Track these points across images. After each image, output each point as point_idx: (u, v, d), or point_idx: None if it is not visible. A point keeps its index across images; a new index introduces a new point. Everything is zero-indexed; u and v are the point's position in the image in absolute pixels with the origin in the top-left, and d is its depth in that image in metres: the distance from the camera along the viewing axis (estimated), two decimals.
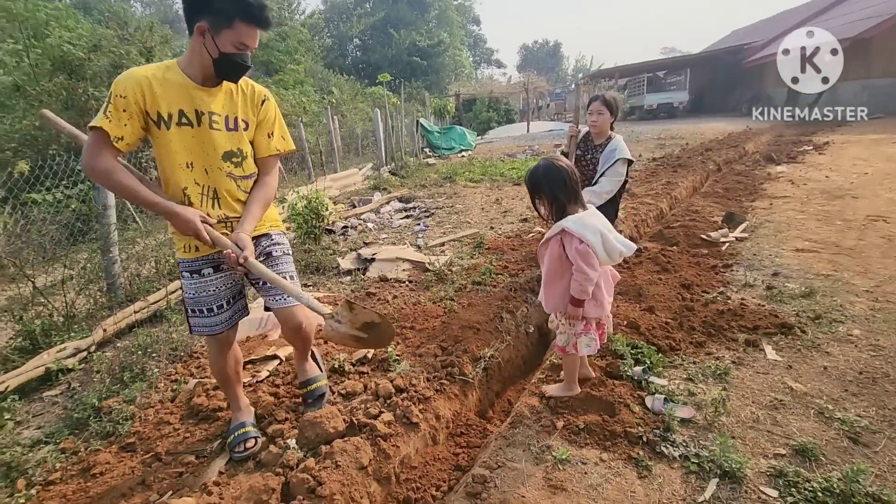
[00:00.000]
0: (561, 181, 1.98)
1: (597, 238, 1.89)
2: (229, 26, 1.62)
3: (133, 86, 1.60)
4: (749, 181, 7.18)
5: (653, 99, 23.72)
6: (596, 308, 2.03)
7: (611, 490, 1.75)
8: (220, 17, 1.60)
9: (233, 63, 1.69)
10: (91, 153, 1.58)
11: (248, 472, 1.91)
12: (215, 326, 1.93)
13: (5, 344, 3.24)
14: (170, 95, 1.67)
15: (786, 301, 3.08)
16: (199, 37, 1.63)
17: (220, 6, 1.59)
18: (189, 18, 1.64)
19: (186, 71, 1.70)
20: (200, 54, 1.66)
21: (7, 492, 1.96)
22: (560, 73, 60.26)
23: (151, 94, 1.63)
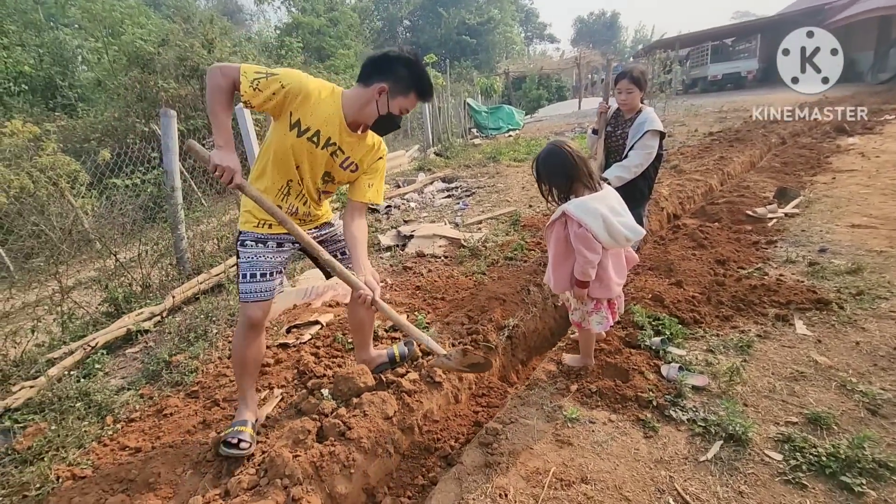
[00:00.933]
0: (559, 166, 1.97)
1: (597, 222, 1.88)
2: (405, 95, 1.85)
3: (297, 87, 1.76)
4: (813, 154, 6.71)
5: (717, 69, 22.12)
6: (601, 289, 2.06)
7: (615, 447, 1.85)
8: (400, 85, 1.83)
9: (392, 123, 1.94)
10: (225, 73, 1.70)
11: (290, 418, 2.18)
12: (265, 293, 2.00)
13: (95, 308, 3.74)
14: (318, 115, 1.82)
15: (828, 277, 2.97)
16: (376, 94, 1.81)
17: (402, 76, 1.82)
18: (368, 73, 1.84)
19: (345, 109, 1.86)
20: (368, 106, 1.84)
21: (98, 426, 2.36)
22: (617, 46, 57.35)
23: (305, 105, 1.79)
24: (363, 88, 1.84)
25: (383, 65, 1.82)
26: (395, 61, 1.82)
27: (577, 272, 1.99)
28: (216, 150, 1.72)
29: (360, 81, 1.87)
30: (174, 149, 4.40)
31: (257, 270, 1.98)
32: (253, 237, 1.99)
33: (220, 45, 11.46)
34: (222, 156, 1.71)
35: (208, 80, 1.71)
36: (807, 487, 1.59)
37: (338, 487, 1.80)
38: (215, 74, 1.70)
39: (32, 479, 1.94)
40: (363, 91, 1.84)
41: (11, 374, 2.82)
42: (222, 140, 1.74)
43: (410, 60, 1.83)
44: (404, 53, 1.84)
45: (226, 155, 1.72)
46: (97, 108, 10.91)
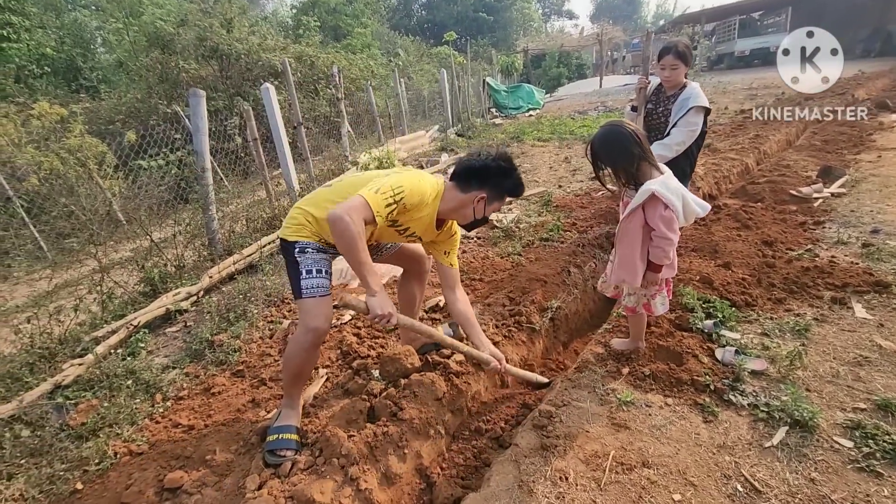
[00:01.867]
0: (624, 147, 1.83)
1: (680, 203, 1.81)
2: (500, 200, 2.00)
3: (416, 205, 1.84)
4: (855, 132, 6.43)
5: (745, 44, 21.29)
6: (669, 269, 2.01)
7: (674, 431, 1.81)
8: (497, 192, 1.96)
9: (483, 222, 2.05)
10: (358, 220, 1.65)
11: (339, 398, 2.19)
12: (326, 288, 1.91)
13: (132, 288, 3.79)
14: (415, 220, 1.93)
15: (884, 259, 2.85)
16: (474, 202, 1.93)
17: (500, 185, 1.95)
18: (467, 180, 1.92)
19: (441, 210, 1.96)
20: (464, 210, 1.96)
21: (149, 403, 2.39)
22: (639, 22, 55.60)
23: (409, 215, 1.88)
24: (461, 194, 1.93)
25: (483, 174, 1.92)
26: (495, 172, 1.92)
27: (657, 256, 1.90)
28: (374, 298, 1.72)
29: (457, 184, 1.95)
30: (204, 129, 4.38)
31: (320, 267, 1.91)
32: (315, 247, 1.92)
33: (239, 25, 11.39)
34: (382, 303, 1.72)
35: (341, 230, 1.63)
36: (882, 475, 1.53)
37: (392, 467, 1.79)
38: (347, 224, 1.62)
39: (91, 454, 1.98)
40: (461, 196, 1.93)
41: (58, 352, 2.87)
42: (376, 286, 1.73)
43: (508, 169, 1.95)
44: (502, 162, 1.93)
45: (384, 300, 1.73)
46: (119, 90, 10.96)
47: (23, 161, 5.87)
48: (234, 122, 8.36)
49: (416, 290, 2.36)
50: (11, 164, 6.05)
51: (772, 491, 1.53)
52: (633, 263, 1.94)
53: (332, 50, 14.62)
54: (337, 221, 1.63)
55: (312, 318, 1.84)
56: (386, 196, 1.73)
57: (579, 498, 1.56)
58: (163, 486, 1.80)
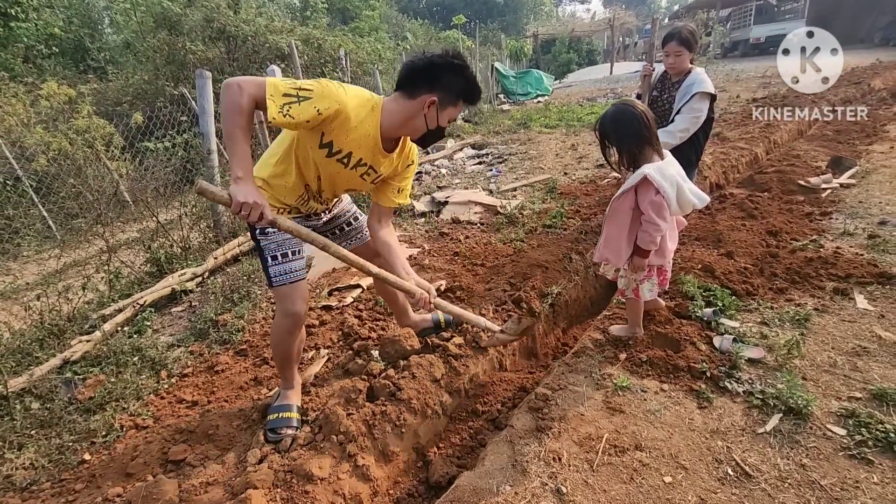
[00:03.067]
0: (631, 127, 1.84)
1: (673, 190, 1.81)
2: (454, 104, 1.72)
3: (335, 111, 1.56)
4: (868, 122, 6.32)
5: (760, 31, 20.80)
6: (658, 257, 2.01)
7: (669, 416, 1.83)
8: (450, 95, 1.69)
9: (438, 134, 1.79)
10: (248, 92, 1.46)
11: (339, 377, 2.23)
12: (298, 272, 1.85)
13: (139, 268, 3.84)
14: (352, 140, 1.66)
15: (890, 251, 2.82)
16: (425, 107, 1.66)
17: (452, 84, 1.67)
18: (413, 83, 1.67)
19: (384, 126, 1.70)
20: (413, 120, 1.70)
21: (154, 379, 2.45)
22: (652, 7, 54.48)
23: (341, 129, 1.62)
24: (408, 101, 1.68)
25: (430, 74, 1.65)
26: (444, 69, 1.65)
27: (644, 241, 1.91)
28: (236, 186, 1.45)
29: (402, 91, 1.69)
30: (210, 111, 4.39)
31: (287, 250, 1.82)
32: None
33: (246, 6, 11.30)
34: (245, 190, 1.45)
35: (225, 96, 1.46)
36: (873, 463, 1.55)
37: (390, 446, 1.83)
38: (234, 91, 1.45)
39: (99, 427, 2.04)
40: (408, 104, 1.68)
41: (66, 329, 2.93)
42: (241, 171, 1.47)
43: (459, 66, 1.67)
44: (451, 58, 1.66)
45: (248, 189, 1.46)
46: (127, 71, 10.95)
47: (32, 141, 5.91)
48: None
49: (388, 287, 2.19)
50: (21, 144, 6.09)
51: (762, 475, 1.55)
52: (618, 244, 1.97)
53: (340, 33, 14.47)
54: (226, 87, 1.45)
55: (287, 301, 1.80)
56: (288, 86, 1.50)
57: (571, 478, 1.59)
58: (167, 458, 1.86)
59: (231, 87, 1.46)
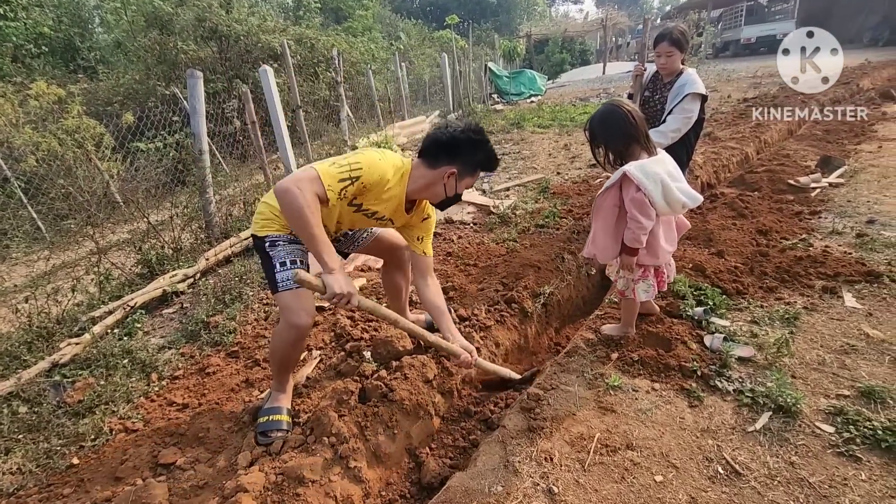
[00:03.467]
0: (617, 126, 1.87)
1: (656, 187, 1.80)
2: (472, 175, 1.89)
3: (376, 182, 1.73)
4: (857, 122, 6.39)
5: (751, 31, 20.98)
6: (649, 256, 2.00)
7: (660, 415, 1.84)
8: (469, 168, 1.85)
9: (456, 200, 1.94)
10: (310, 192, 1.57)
11: (331, 379, 2.22)
12: None
13: (129, 270, 3.81)
14: (380, 202, 1.82)
15: (878, 249, 2.85)
16: (444, 178, 1.82)
17: (470, 157, 1.83)
18: (435, 154, 1.82)
19: (409, 190, 1.85)
20: (434, 187, 1.85)
21: (144, 382, 2.43)
22: (644, 7, 54.75)
23: (374, 195, 1.77)
24: (429, 170, 1.83)
25: (452, 148, 1.81)
26: (464, 143, 1.80)
27: (628, 239, 1.91)
28: (330, 276, 1.60)
29: (425, 160, 1.84)
30: (201, 111, 4.36)
31: (296, 258, 1.86)
32: (286, 238, 1.87)
33: (238, 5, 11.24)
34: (340, 281, 1.60)
35: (288, 202, 1.55)
36: (861, 460, 1.56)
37: (382, 447, 1.82)
38: (296, 195, 1.54)
39: (87, 431, 2.02)
40: (430, 173, 1.83)
41: (55, 332, 2.90)
42: (333, 262, 1.62)
43: (479, 142, 1.83)
44: (472, 134, 1.81)
45: (342, 279, 1.62)
46: (117, 71, 10.85)
47: (20, 142, 5.84)
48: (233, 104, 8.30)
49: (400, 281, 2.35)
50: (9, 144, 6.02)
51: (752, 473, 1.56)
52: (604, 241, 2.00)
53: (333, 33, 14.44)
54: (283, 193, 1.55)
55: (292, 313, 1.79)
56: (341, 170, 1.65)
57: (563, 478, 1.60)
58: (157, 461, 1.84)
59: (290, 192, 1.55)
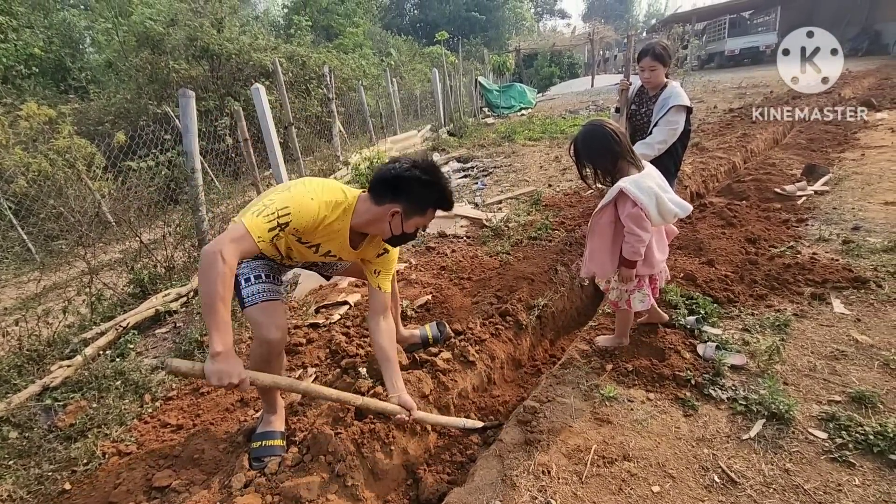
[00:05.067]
0: (602, 145, 1.90)
1: (651, 201, 1.84)
2: (422, 214, 1.73)
3: (309, 225, 1.61)
4: (840, 130, 6.53)
5: (735, 44, 21.50)
6: (645, 266, 2.03)
7: (655, 425, 1.85)
8: (417, 206, 1.69)
9: (407, 239, 1.80)
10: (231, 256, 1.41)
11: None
12: (273, 293, 1.79)
13: (122, 290, 3.78)
14: (322, 234, 1.71)
15: (864, 255, 2.91)
16: (388, 216, 1.68)
17: (418, 197, 1.67)
18: (380, 192, 1.68)
19: (353, 224, 1.73)
20: (379, 224, 1.72)
21: (138, 404, 2.40)
22: (630, 21, 55.90)
23: (311, 231, 1.66)
24: (375, 206, 1.69)
25: (396, 186, 1.66)
26: (411, 182, 1.65)
27: (628, 252, 1.94)
28: (212, 362, 1.36)
29: (371, 195, 1.70)
30: (193, 130, 4.36)
31: (261, 272, 1.80)
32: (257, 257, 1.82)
33: (230, 25, 11.35)
34: (220, 370, 1.36)
35: (209, 267, 1.36)
36: (854, 465, 1.58)
37: (379, 464, 1.82)
38: (217, 262, 1.36)
39: (80, 455, 1.99)
40: (374, 209, 1.69)
41: (46, 355, 2.87)
42: (221, 345, 1.36)
43: (427, 181, 1.66)
44: (418, 172, 1.64)
45: (224, 366, 1.37)
46: (109, 91, 10.87)
47: (10, 163, 5.82)
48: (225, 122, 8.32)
49: None
50: None
51: (747, 482, 1.57)
52: (602, 257, 2.02)
53: (324, 50, 14.60)
54: (206, 257, 1.38)
55: (262, 328, 1.72)
56: (268, 219, 1.50)
57: (561, 491, 1.60)
58: (151, 485, 1.82)
59: (208, 257, 1.38)
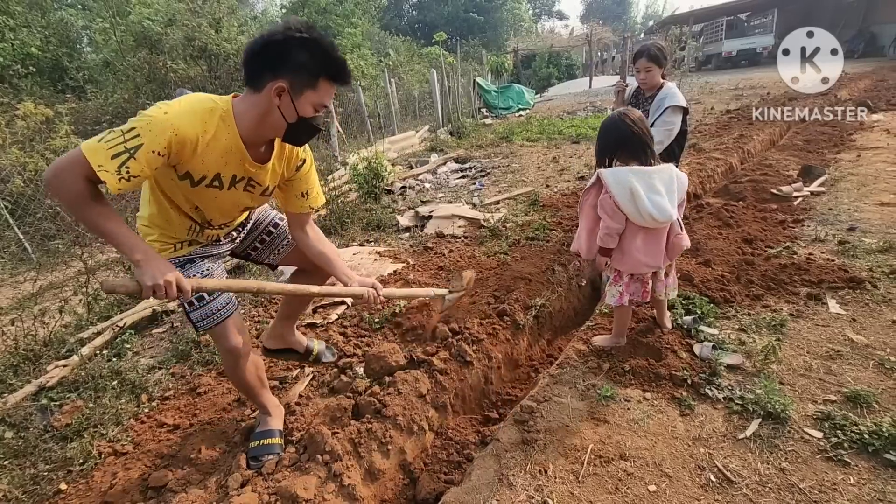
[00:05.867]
0: (609, 133, 2.01)
1: (623, 192, 1.88)
2: (313, 87, 1.42)
3: (173, 143, 1.31)
4: (836, 132, 6.56)
5: (732, 45, 21.57)
6: (622, 261, 2.05)
7: (652, 424, 1.85)
8: (303, 77, 1.39)
9: (309, 127, 1.51)
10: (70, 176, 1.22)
11: (324, 396, 2.21)
12: (222, 310, 1.66)
13: None
14: (211, 159, 1.43)
15: (859, 256, 2.92)
16: (273, 98, 1.39)
17: (303, 63, 1.37)
18: (256, 71, 1.40)
19: (243, 133, 1.45)
20: (270, 117, 1.43)
21: (134, 404, 2.40)
22: (628, 23, 56.02)
23: (190, 156, 1.38)
24: (255, 94, 1.42)
25: (273, 55, 1.37)
26: (288, 46, 1.36)
27: (598, 238, 2.04)
28: (139, 269, 1.29)
29: (249, 86, 1.43)
30: None
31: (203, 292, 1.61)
32: (177, 261, 1.64)
33: (227, 24, 11.33)
34: (150, 272, 1.28)
35: (55, 192, 1.25)
36: (849, 464, 1.58)
37: (376, 463, 1.82)
38: (58, 183, 1.22)
39: (76, 455, 1.99)
40: (256, 99, 1.42)
41: (42, 354, 2.86)
42: (137, 252, 1.29)
43: (305, 39, 1.36)
44: (293, 31, 1.35)
45: (153, 267, 1.29)
46: (106, 90, 10.84)
47: (7, 162, 5.80)
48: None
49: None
50: None
51: (743, 481, 1.57)
52: (587, 240, 2.12)
53: None
54: (48, 185, 1.23)
55: (223, 340, 1.67)
56: (111, 144, 1.23)
57: (557, 490, 1.60)
58: (147, 485, 1.82)
59: (52, 182, 1.22)
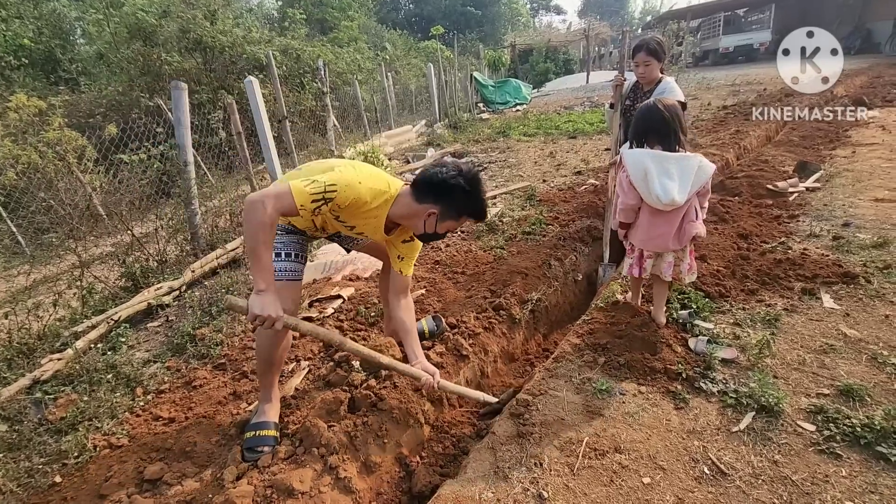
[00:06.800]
0: (641, 117, 2.13)
1: (638, 173, 2.03)
2: (455, 220, 1.85)
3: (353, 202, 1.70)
4: (832, 128, 6.58)
5: (729, 41, 21.57)
6: (635, 235, 2.23)
7: (647, 417, 1.87)
8: (452, 211, 1.80)
9: (436, 237, 1.93)
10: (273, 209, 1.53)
11: (320, 389, 2.20)
12: (297, 272, 1.94)
13: (113, 283, 3.75)
14: (361, 220, 1.83)
15: (853, 251, 2.94)
16: (425, 215, 1.80)
17: (457, 204, 1.79)
18: (423, 191, 1.79)
19: (391, 214, 1.83)
20: (414, 220, 1.84)
21: (129, 397, 2.39)
22: (626, 18, 55.90)
23: (351, 212, 1.76)
24: (414, 203, 1.80)
25: (440, 190, 1.77)
26: (454, 189, 1.76)
27: (616, 211, 2.22)
28: (256, 297, 1.53)
29: (413, 192, 1.81)
30: (186, 123, 4.34)
31: (291, 250, 1.92)
32: (284, 228, 1.94)
33: (223, 17, 11.21)
34: (263, 303, 1.53)
35: (251, 214, 1.52)
36: (841, 457, 1.60)
37: (372, 456, 1.82)
38: (259, 210, 1.52)
39: (71, 448, 1.98)
40: (414, 206, 1.81)
41: (36, 348, 2.84)
42: (263, 283, 1.55)
43: (470, 192, 1.77)
44: (463, 182, 1.76)
45: (267, 301, 1.54)
46: (99, 83, 10.74)
47: None
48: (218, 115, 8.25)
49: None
50: None
51: (737, 473, 1.58)
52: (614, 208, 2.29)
53: (319, 43, 14.47)
54: (249, 205, 1.54)
55: (292, 275, 1.89)
56: (315, 192, 1.60)
57: (552, 483, 1.61)
58: (143, 477, 1.81)
59: (254, 206, 1.52)
